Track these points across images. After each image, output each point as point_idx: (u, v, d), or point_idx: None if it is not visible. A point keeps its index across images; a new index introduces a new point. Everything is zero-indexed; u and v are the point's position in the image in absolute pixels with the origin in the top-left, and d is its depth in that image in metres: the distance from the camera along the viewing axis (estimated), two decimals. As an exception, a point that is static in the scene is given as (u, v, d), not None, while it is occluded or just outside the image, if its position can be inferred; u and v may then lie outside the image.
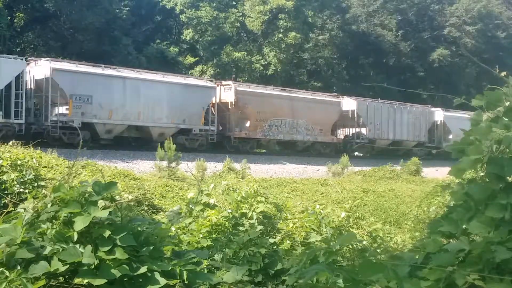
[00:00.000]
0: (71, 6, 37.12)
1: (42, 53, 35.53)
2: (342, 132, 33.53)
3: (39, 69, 22.08)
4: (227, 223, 4.78)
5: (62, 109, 22.11)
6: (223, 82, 28.34)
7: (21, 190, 8.05)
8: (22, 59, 21.83)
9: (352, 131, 33.13)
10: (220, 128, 27.58)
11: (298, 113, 29.59)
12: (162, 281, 2.47)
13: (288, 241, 4.92)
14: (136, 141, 26.05)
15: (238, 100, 27.16)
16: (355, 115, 31.98)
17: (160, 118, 24.69)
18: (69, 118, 21.95)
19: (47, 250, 2.46)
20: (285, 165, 25.61)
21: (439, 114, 36.74)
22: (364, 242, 4.89)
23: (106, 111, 22.97)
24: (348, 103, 32.22)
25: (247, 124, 27.81)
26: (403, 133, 34.44)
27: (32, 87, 22.16)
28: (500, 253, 1.79)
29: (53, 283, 2.47)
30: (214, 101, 26.70)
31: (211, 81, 28.07)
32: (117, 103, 23.26)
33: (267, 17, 43.09)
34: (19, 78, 21.25)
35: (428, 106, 37.21)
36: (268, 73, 44.20)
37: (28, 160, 9.23)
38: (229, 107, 27.19)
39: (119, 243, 2.48)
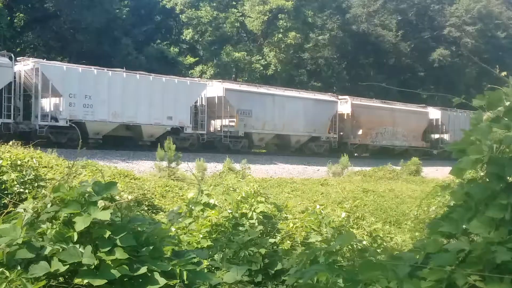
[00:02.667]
0: (71, 6, 37.07)
1: (42, 53, 35.52)
2: (427, 138, 37.80)
3: (210, 88, 26.80)
4: (227, 223, 4.77)
5: (226, 121, 27.00)
6: (340, 97, 33.30)
7: (21, 190, 8.05)
8: (207, 82, 27.18)
9: (436, 136, 37.87)
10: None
11: (397, 122, 34.70)
12: (162, 281, 2.46)
13: (288, 241, 4.91)
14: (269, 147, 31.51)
15: (353, 112, 32.51)
16: (439, 123, 37.28)
17: (298, 128, 29.85)
18: (235, 129, 27.15)
19: (47, 250, 2.45)
20: (285, 165, 25.62)
21: None
22: (364, 242, 4.88)
23: (261, 123, 28.21)
24: (434, 113, 37.48)
25: (360, 132, 32.91)
26: None
27: (204, 103, 26.58)
28: (500, 253, 1.78)
29: (53, 283, 2.46)
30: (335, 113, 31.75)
31: (333, 96, 33.10)
32: (269, 116, 28.49)
33: (267, 17, 43.06)
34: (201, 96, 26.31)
35: None
36: (268, 73, 44.18)
37: (28, 160, 9.23)
38: (345, 117, 32.53)
39: (119, 244, 2.47)
